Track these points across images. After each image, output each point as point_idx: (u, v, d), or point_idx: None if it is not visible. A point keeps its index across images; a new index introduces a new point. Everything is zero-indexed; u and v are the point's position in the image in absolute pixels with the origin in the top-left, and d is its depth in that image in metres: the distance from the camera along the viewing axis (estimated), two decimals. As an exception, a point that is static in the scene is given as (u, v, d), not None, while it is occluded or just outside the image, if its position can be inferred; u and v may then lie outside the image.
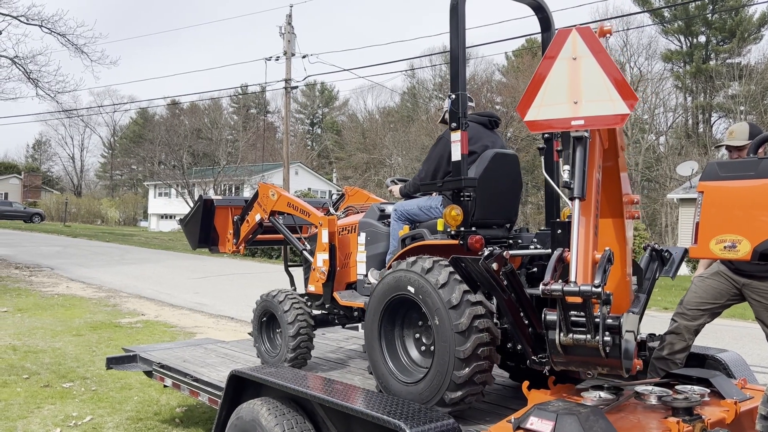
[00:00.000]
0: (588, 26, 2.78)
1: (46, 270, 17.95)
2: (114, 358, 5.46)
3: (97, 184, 78.98)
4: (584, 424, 2.61)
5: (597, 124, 2.67)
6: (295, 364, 4.50)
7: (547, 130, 2.85)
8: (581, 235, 2.71)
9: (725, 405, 3.22)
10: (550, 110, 2.73)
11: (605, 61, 2.65)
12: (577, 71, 2.68)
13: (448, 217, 3.51)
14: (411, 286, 3.31)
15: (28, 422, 5.51)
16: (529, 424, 2.72)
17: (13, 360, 7.61)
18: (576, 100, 2.67)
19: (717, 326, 11.24)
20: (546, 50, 2.82)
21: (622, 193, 3.13)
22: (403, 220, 4.13)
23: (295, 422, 3.36)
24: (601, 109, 2.63)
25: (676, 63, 45.99)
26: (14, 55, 21.55)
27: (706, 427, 2.93)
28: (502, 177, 3.91)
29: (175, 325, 10.33)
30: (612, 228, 3.11)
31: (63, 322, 10.17)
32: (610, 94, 2.62)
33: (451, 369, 3.11)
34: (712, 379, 3.45)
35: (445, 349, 3.13)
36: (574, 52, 2.70)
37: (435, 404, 3.21)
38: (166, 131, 48.31)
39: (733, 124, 4.31)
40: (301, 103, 70.17)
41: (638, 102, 2.36)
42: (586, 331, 2.63)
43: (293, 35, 26.86)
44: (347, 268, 4.61)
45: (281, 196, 5.00)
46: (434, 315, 3.18)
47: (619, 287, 3.07)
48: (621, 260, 3.10)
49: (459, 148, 3.51)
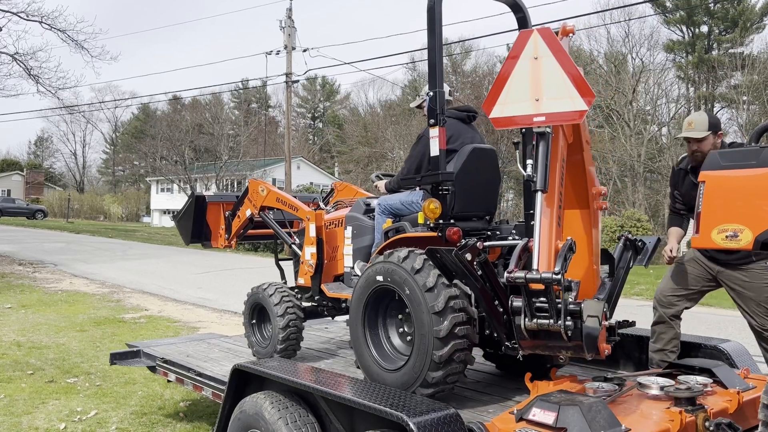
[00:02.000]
0: (548, 27, 2.88)
1: (49, 266, 17.99)
2: (117, 354, 5.47)
3: (99, 180, 79.09)
4: (587, 415, 2.61)
5: (557, 120, 2.78)
6: (284, 354, 4.66)
7: (510, 127, 2.94)
8: (544, 225, 2.84)
9: (728, 395, 3.22)
10: (514, 107, 2.84)
11: (564, 60, 2.75)
12: (539, 70, 2.78)
13: (426, 210, 3.62)
14: (388, 276, 3.44)
15: (33, 417, 5.53)
16: (531, 415, 2.73)
17: (18, 356, 7.64)
18: (537, 97, 2.77)
19: (720, 317, 11.25)
20: (510, 51, 2.92)
21: (589, 185, 3.21)
22: (387, 214, 4.26)
23: (298, 415, 3.36)
24: (561, 106, 2.74)
25: (678, 53, 45.79)
26: (15, 51, 21.56)
27: (709, 416, 2.94)
28: (480, 171, 4.05)
29: (178, 320, 10.36)
30: (579, 218, 3.21)
31: (67, 318, 10.20)
32: (569, 91, 2.72)
33: (431, 349, 3.22)
34: (714, 369, 3.45)
35: (424, 331, 3.24)
36: (536, 52, 2.80)
37: (419, 386, 3.30)
38: (167, 127, 48.36)
39: (691, 114, 4.28)
40: (303, 97, 70.08)
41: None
42: (548, 316, 2.78)
43: (294, 29, 26.78)
44: (335, 261, 4.74)
45: (270, 192, 5.14)
46: (411, 300, 3.31)
47: (587, 275, 3.16)
48: (588, 249, 3.19)
49: (437, 143, 3.62)
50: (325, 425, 3.39)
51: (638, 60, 40.90)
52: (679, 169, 4.47)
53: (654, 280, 16.91)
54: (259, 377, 3.72)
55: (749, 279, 4.09)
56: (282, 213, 5.19)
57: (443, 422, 2.67)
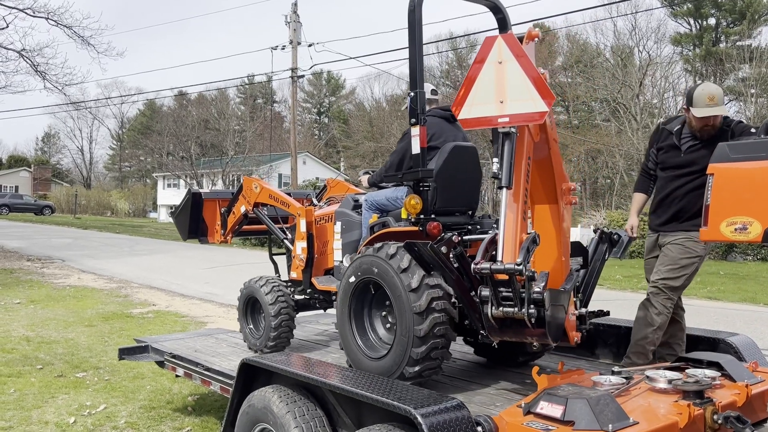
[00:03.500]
0: (511, 33, 3.10)
1: (57, 262, 18.09)
2: (126, 349, 5.51)
3: (106, 176, 79.37)
4: (594, 408, 2.61)
5: (520, 120, 2.93)
6: (277, 344, 4.84)
7: (477, 127, 3.09)
8: (509, 219, 3.02)
9: (736, 388, 3.21)
10: (480, 109, 3.00)
11: (526, 65, 2.90)
12: (503, 74, 2.94)
13: (408, 206, 3.78)
14: (375, 270, 3.61)
15: (43, 411, 5.57)
16: (539, 408, 2.73)
17: (27, 351, 7.69)
18: (502, 99, 2.94)
19: (729, 310, 11.21)
20: (476, 56, 3.08)
21: (558, 181, 3.33)
22: (373, 209, 4.43)
23: (306, 409, 3.37)
24: (524, 107, 2.89)
25: (685, 46, 45.52)
26: (21, 48, 21.62)
27: (717, 410, 2.93)
28: (461, 168, 4.18)
29: (186, 315, 10.40)
30: (548, 213, 3.36)
31: (75, 313, 10.26)
32: (530, 94, 2.87)
33: (410, 347, 3.40)
34: (722, 363, 3.44)
35: (405, 328, 3.41)
36: (500, 57, 2.96)
37: (396, 378, 3.47)
38: (173, 122, 48.42)
39: (703, 87, 4.01)
40: (308, 92, 70.08)
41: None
42: (513, 305, 2.96)
43: (299, 24, 26.77)
44: (325, 255, 4.92)
45: (263, 189, 5.32)
46: (395, 297, 3.47)
47: (555, 267, 3.28)
48: (557, 242, 3.33)
49: (418, 142, 3.76)
50: (333, 419, 3.39)
51: (645, 53, 40.70)
52: (663, 128, 4.36)
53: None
54: (267, 371, 3.73)
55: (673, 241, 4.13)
56: (275, 209, 5.35)
57: (451, 415, 2.67)
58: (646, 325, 4.04)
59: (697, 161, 4.06)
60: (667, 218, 4.21)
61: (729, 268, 19.61)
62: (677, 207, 4.16)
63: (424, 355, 3.38)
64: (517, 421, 2.76)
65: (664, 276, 4.05)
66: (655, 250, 4.31)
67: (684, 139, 4.16)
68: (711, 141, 3.98)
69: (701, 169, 3.96)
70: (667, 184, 4.24)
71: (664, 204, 4.25)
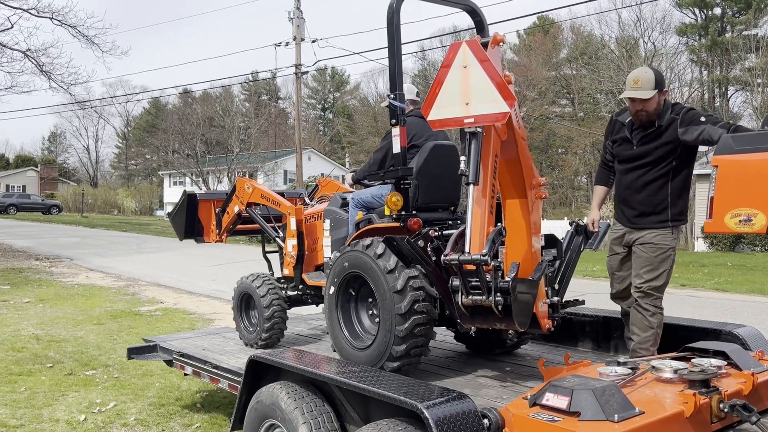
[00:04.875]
0: (475, 39, 3.25)
1: (65, 260, 18.20)
2: (134, 349, 5.55)
3: (112, 175, 79.67)
4: (600, 399, 2.62)
5: (484, 121, 3.11)
6: (270, 339, 5.02)
7: (445, 127, 3.30)
8: (476, 213, 3.21)
9: (742, 376, 3.20)
10: (447, 110, 3.17)
11: (489, 69, 3.08)
12: (468, 77, 3.13)
13: (389, 203, 3.96)
14: (355, 263, 3.81)
15: (53, 409, 5.62)
16: (545, 400, 2.74)
17: (37, 349, 7.75)
18: (467, 101, 3.11)
19: (736, 302, 11.18)
20: (443, 60, 3.25)
21: (527, 177, 3.48)
22: (360, 207, 4.59)
23: (314, 405, 3.39)
24: (487, 108, 3.05)
25: (691, 36, 45.26)
26: (26, 48, 21.75)
27: (723, 398, 2.93)
28: (442, 166, 4.31)
29: (193, 312, 10.45)
30: (518, 207, 3.51)
31: (84, 312, 10.32)
32: (493, 96, 3.04)
33: (394, 325, 3.56)
34: (728, 351, 3.43)
35: (387, 309, 3.58)
36: (465, 61, 3.14)
37: (386, 360, 3.65)
38: (178, 120, 48.47)
39: (635, 70, 4.08)
40: (312, 88, 70.03)
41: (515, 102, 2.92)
42: (481, 293, 3.14)
43: (302, 20, 26.75)
44: (315, 252, 5.09)
45: (255, 189, 5.51)
46: (375, 282, 3.65)
47: (525, 258, 3.41)
48: (527, 235, 3.48)
49: (398, 141, 3.96)
50: (340, 414, 3.42)
51: (650, 44, 40.49)
52: (616, 120, 4.33)
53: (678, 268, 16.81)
54: (275, 368, 3.75)
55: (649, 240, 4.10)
56: (267, 209, 5.52)
57: (457, 409, 2.69)
58: (644, 329, 4.05)
59: (649, 153, 4.04)
60: (631, 214, 4.18)
61: (736, 259, 19.55)
62: (637, 200, 4.14)
63: (408, 332, 3.57)
64: (523, 412, 2.77)
65: (645, 279, 4.04)
66: (619, 246, 4.26)
67: (635, 131, 4.12)
68: (660, 131, 3.99)
69: (654, 160, 4.02)
70: (624, 177, 4.22)
71: (624, 198, 4.23)
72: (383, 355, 3.67)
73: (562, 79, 48.57)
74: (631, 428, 2.56)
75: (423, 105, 3.29)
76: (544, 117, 47.37)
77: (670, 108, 4.03)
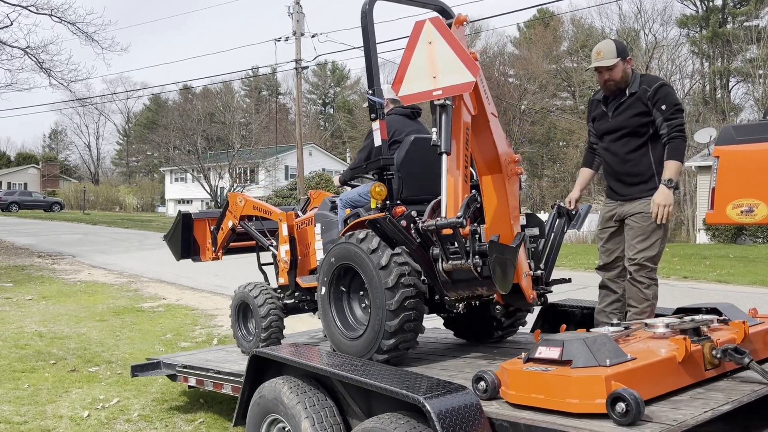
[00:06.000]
0: (438, 17, 3.54)
1: (68, 258, 18.22)
2: (138, 366, 5.65)
3: (113, 172, 79.69)
4: (591, 346, 2.66)
5: (452, 92, 3.27)
6: (268, 345, 5.00)
7: (416, 101, 3.53)
8: (450, 182, 3.37)
9: (734, 326, 3.19)
10: (416, 85, 3.36)
11: (453, 42, 3.27)
12: (433, 52, 3.31)
13: (373, 193, 4.05)
14: (349, 256, 3.88)
15: (57, 406, 5.64)
16: (537, 353, 2.80)
17: (40, 346, 7.76)
18: (435, 75, 3.28)
19: (738, 294, 11.17)
20: (409, 39, 3.42)
21: (500, 153, 3.62)
22: (348, 206, 4.71)
23: (317, 399, 3.40)
24: (454, 80, 3.23)
25: (691, 28, 45.12)
26: (26, 45, 21.62)
27: (716, 346, 2.92)
28: (424, 158, 4.40)
29: (196, 308, 10.47)
30: (491, 183, 3.66)
31: (86, 308, 10.34)
32: (459, 67, 3.22)
33: (384, 320, 3.62)
34: (720, 308, 3.42)
35: (379, 305, 3.65)
36: (429, 38, 3.33)
37: (374, 353, 3.70)
38: (179, 116, 48.48)
39: (597, 44, 4.31)
40: (313, 83, 69.93)
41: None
42: (460, 257, 3.28)
43: (302, 14, 26.68)
44: (307, 257, 5.19)
45: (247, 201, 5.66)
46: (368, 277, 3.72)
47: (504, 231, 3.55)
48: (504, 209, 3.61)
49: (379, 135, 4.11)
50: (342, 408, 3.42)
51: (651, 36, 40.38)
52: (593, 99, 4.49)
53: (670, 258, 16.82)
54: (278, 363, 3.76)
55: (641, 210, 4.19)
56: (262, 223, 5.66)
57: (458, 402, 2.69)
58: (640, 301, 4.11)
59: (625, 124, 4.16)
60: (619, 187, 4.27)
61: (739, 251, 19.54)
62: (623, 172, 4.23)
63: (397, 328, 3.62)
64: (517, 367, 2.82)
65: (638, 249, 4.10)
66: (611, 221, 4.34)
67: (610, 104, 4.28)
68: (632, 101, 4.12)
69: (632, 132, 4.13)
70: (607, 154, 4.33)
71: (610, 171, 4.33)
72: (372, 348, 3.71)
73: (563, 72, 48.45)
74: (622, 371, 2.57)
75: (393, 82, 3.45)
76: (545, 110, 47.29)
77: (638, 78, 4.19)
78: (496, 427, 2.69)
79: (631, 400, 2.36)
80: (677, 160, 3.94)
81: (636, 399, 2.36)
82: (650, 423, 2.41)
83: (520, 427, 2.60)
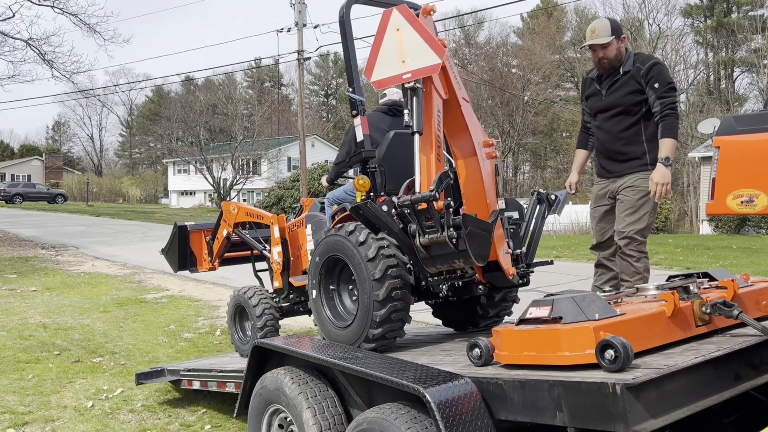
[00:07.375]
0: (404, 5, 3.60)
1: (71, 249, 18.28)
2: (143, 374, 5.70)
3: (116, 163, 79.77)
4: (580, 303, 2.69)
5: (421, 74, 3.38)
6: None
7: (387, 85, 3.70)
8: (423, 160, 3.50)
9: (723, 284, 3.18)
10: (387, 70, 3.48)
11: (419, 28, 3.42)
12: (401, 38, 3.45)
13: (357, 186, 4.17)
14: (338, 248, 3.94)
15: (61, 396, 5.68)
16: (528, 314, 2.84)
17: (44, 337, 7.81)
18: (404, 59, 3.42)
19: (740, 284, 11.16)
20: (378, 27, 3.55)
21: (473, 136, 3.73)
22: (335, 204, 4.84)
23: (318, 390, 3.42)
24: (421, 63, 3.36)
25: (696, 18, 44.85)
26: (28, 37, 21.59)
27: (705, 302, 2.92)
28: (405, 152, 4.49)
29: (199, 299, 10.51)
30: (465, 166, 3.77)
31: (90, 300, 10.38)
32: (425, 51, 3.36)
33: (372, 311, 3.68)
34: (712, 273, 3.40)
35: (366, 295, 3.71)
36: (397, 25, 3.48)
37: (362, 341, 3.77)
38: (182, 108, 48.49)
39: (592, 22, 4.36)
40: (315, 74, 69.81)
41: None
42: (435, 231, 3.36)
43: (304, 5, 26.57)
44: (299, 259, 5.30)
45: (240, 209, 5.81)
46: (356, 269, 3.78)
47: (480, 212, 3.64)
48: (480, 191, 3.72)
49: (361, 130, 4.28)
50: (344, 398, 3.44)
51: (655, 26, 40.17)
52: (587, 78, 4.52)
53: (673, 249, 16.81)
54: (279, 353, 3.78)
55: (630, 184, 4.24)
56: (256, 232, 5.79)
57: (458, 392, 2.70)
58: (632, 275, 4.14)
59: (619, 102, 4.19)
60: (610, 165, 4.30)
61: (742, 241, 19.51)
62: (615, 150, 4.26)
63: (384, 318, 3.69)
64: (509, 329, 2.86)
65: (627, 222, 4.13)
66: (603, 199, 4.37)
67: (603, 82, 4.30)
68: (626, 79, 4.15)
69: (625, 110, 4.17)
70: (600, 132, 4.36)
71: (602, 149, 4.36)
72: (360, 336, 3.77)
73: (566, 63, 48.28)
74: (611, 323, 2.59)
75: (365, 69, 3.57)
76: (548, 101, 47.15)
77: (632, 56, 4.21)
78: (491, 386, 2.72)
79: (619, 346, 2.38)
80: (671, 137, 3.99)
81: (624, 345, 2.39)
82: (641, 369, 2.44)
83: (514, 384, 2.63)
